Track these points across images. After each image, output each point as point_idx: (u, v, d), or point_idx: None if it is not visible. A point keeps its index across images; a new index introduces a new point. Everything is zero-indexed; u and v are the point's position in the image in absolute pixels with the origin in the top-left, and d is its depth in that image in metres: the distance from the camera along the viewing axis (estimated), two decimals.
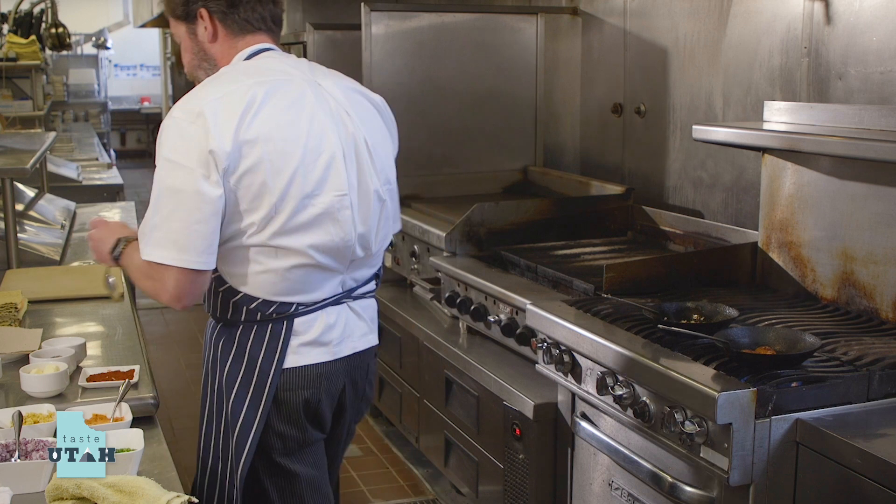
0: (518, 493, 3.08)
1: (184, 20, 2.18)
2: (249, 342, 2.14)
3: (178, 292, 2.01)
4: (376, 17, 4.46)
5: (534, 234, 3.85)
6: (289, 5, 6.73)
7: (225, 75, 2.10)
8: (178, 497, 1.65)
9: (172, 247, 1.97)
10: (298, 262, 2.08)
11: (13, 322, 2.73)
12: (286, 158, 2.02)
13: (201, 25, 2.16)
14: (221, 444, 2.21)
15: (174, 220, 1.97)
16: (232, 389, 2.16)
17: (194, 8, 2.15)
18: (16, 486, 1.73)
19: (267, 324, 2.13)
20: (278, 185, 2.01)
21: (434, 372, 3.73)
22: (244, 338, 2.14)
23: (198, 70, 2.21)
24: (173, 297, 2.02)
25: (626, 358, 2.42)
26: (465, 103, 4.68)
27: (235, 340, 2.15)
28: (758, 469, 2.12)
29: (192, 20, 2.17)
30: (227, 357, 2.16)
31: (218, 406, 2.20)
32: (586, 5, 4.53)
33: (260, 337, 2.13)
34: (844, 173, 2.72)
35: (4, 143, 4.58)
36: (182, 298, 2.03)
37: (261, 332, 2.13)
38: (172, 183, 1.97)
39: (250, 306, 2.11)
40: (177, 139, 1.98)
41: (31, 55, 8.18)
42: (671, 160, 3.95)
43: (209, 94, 2.01)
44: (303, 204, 2.05)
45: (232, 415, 2.16)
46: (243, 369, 2.14)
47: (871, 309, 2.66)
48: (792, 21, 3.17)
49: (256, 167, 1.99)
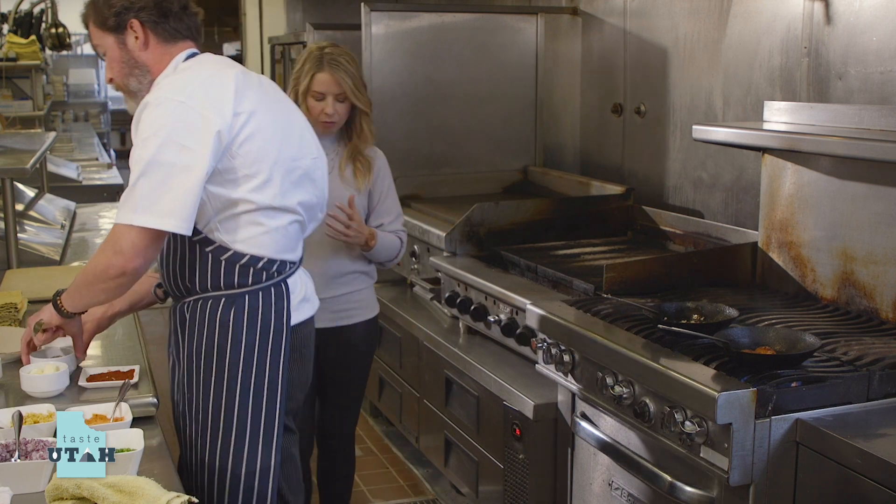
0: (518, 493, 3.08)
1: (113, 31, 2.25)
2: (260, 306, 2.25)
3: (133, 252, 2.08)
4: (376, 17, 4.46)
5: (534, 234, 3.85)
6: (289, 5, 6.75)
7: (196, 65, 2.25)
8: (178, 497, 1.66)
9: (163, 213, 2.07)
10: (293, 219, 2.29)
11: (13, 322, 2.73)
12: (273, 126, 2.23)
13: (131, 35, 2.24)
14: (250, 420, 2.25)
15: (167, 190, 2.07)
16: (252, 358, 2.24)
17: (126, 18, 2.23)
18: (16, 486, 1.73)
19: (271, 286, 2.26)
20: (272, 150, 2.21)
21: (434, 372, 3.73)
22: (254, 303, 2.24)
23: (129, 78, 2.28)
24: (129, 257, 2.08)
25: (625, 358, 2.42)
26: (465, 103, 4.68)
27: (246, 308, 2.24)
28: (758, 469, 2.12)
29: (122, 31, 2.25)
30: (241, 328, 2.24)
31: (234, 382, 2.24)
32: (586, 5, 4.53)
33: (268, 299, 2.26)
34: (844, 173, 2.72)
35: (4, 143, 4.58)
36: (146, 255, 2.10)
37: (268, 295, 2.26)
38: (168, 158, 2.07)
39: (257, 266, 2.23)
40: (174, 117, 2.09)
41: (31, 55, 8.19)
42: (671, 160, 3.95)
43: (195, 78, 2.17)
44: (292, 166, 2.26)
45: (257, 384, 2.25)
46: (259, 334, 2.25)
47: (871, 309, 2.66)
48: (792, 21, 3.17)
49: (253, 136, 2.17)
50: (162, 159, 2.06)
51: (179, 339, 2.31)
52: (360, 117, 3.03)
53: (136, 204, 2.06)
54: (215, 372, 2.25)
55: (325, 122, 2.97)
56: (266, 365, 2.26)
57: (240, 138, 2.14)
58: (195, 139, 2.08)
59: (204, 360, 2.25)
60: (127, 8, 2.21)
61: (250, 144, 2.16)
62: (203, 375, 2.26)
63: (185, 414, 2.29)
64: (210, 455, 2.26)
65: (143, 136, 2.09)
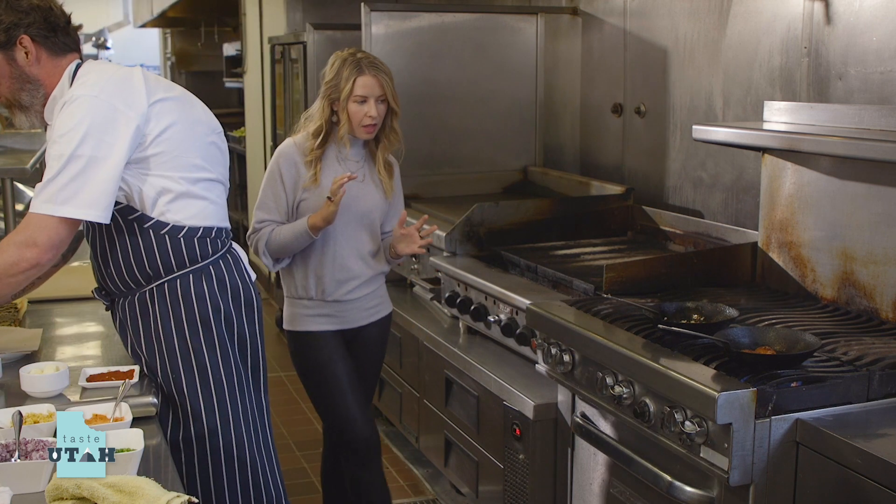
0: (518, 493, 3.08)
1: (2, 48, 2.27)
2: (225, 275, 2.40)
3: (48, 243, 2.15)
4: (376, 17, 4.46)
5: (534, 234, 3.85)
6: (289, 5, 6.74)
7: (98, 65, 2.35)
8: (178, 497, 1.65)
9: (84, 205, 2.16)
10: (223, 188, 2.45)
11: (13, 322, 2.73)
12: (184, 109, 2.35)
13: (21, 51, 2.29)
14: (249, 389, 2.43)
15: (86, 182, 2.15)
16: (232, 322, 2.40)
17: (15, 35, 2.27)
18: (16, 486, 1.73)
19: (228, 253, 2.43)
20: (193, 129, 2.35)
21: (434, 372, 3.73)
22: (220, 273, 2.39)
23: (21, 93, 2.32)
24: (44, 248, 2.15)
25: (625, 358, 2.42)
26: (465, 103, 4.69)
27: (214, 280, 2.37)
28: (758, 469, 2.12)
29: (12, 47, 2.28)
30: (216, 296, 2.37)
31: (229, 354, 2.39)
32: (586, 5, 4.53)
33: (230, 265, 2.42)
34: (844, 173, 2.72)
35: (4, 143, 4.58)
36: (59, 248, 2.19)
37: (229, 261, 2.42)
38: (87, 151, 2.16)
39: (212, 237, 2.38)
40: (91, 112, 2.18)
41: None
42: (671, 160, 3.95)
43: (105, 74, 2.27)
44: (209, 140, 2.40)
45: (253, 351, 2.46)
46: (231, 298, 2.39)
47: (871, 309, 2.66)
48: (792, 21, 3.17)
49: (174, 124, 2.29)
50: (81, 153, 2.15)
51: (142, 328, 2.37)
52: (391, 118, 3.06)
53: (56, 196, 2.14)
54: (205, 344, 2.36)
55: (368, 126, 3.00)
56: (256, 325, 2.46)
57: (161, 126, 2.26)
58: (112, 132, 2.18)
59: (189, 335, 2.35)
60: (16, 24, 2.26)
61: (172, 131, 2.28)
62: (192, 348, 2.36)
63: (179, 391, 2.36)
64: (220, 424, 2.37)
65: (60, 133, 2.17)
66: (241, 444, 2.40)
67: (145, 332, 2.37)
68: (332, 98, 3.00)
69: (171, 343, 2.34)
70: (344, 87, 2.97)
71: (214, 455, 2.37)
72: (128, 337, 2.40)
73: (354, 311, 3.09)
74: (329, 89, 3.01)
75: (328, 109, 3.01)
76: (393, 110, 3.05)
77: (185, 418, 2.35)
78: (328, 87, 3.02)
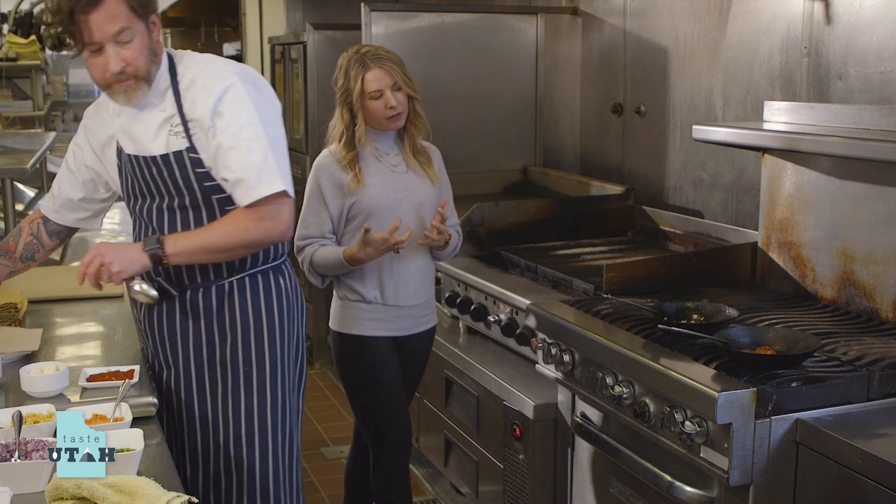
0: (518, 493, 3.08)
1: (144, 18, 2.26)
2: (293, 273, 2.51)
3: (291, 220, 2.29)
4: (376, 17, 4.46)
5: (534, 234, 3.85)
6: (289, 5, 6.74)
7: (197, 54, 2.41)
8: (178, 497, 1.65)
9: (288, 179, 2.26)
10: None
11: (13, 322, 2.73)
12: None
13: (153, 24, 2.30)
14: (293, 388, 2.48)
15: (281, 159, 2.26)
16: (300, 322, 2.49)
17: (154, 7, 2.30)
18: (16, 486, 1.73)
19: (286, 255, 2.51)
20: None
21: (434, 372, 3.73)
22: (289, 271, 2.49)
23: (151, 65, 2.29)
24: (289, 226, 2.28)
25: (625, 358, 2.42)
26: (465, 103, 4.68)
27: (286, 277, 2.46)
28: (758, 469, 2.12)
29: (151, 17, 2.28)
30: (284, 303, 2.43)
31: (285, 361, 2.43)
32: (586, 5, 4.53)
33: (289, 269, 2.51)
34: (844, 173, 2.72)
35: (4, 143, 4.59)
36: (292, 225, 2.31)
37: (287, 265, 2.51)
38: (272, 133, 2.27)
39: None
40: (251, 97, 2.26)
41: (31, 55, 8.17)
42: (671, 160, 3.95)
43: (234, 65, 2.34)
44: None
45: (302, 351, 2.52)
46: (299, 305, 2.49)
47: (871, 309, 2.66)
48: (792, 21, 3.17)
49: None
50: (270, 134, 2.25)
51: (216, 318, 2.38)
52: (413, 103, 3.00)
53: (277, 174, 2.22)
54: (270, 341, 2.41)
55: (392, 117, 2.94)
56: (302, 325, 2.52)
57: None
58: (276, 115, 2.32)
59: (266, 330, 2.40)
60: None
61: None
62: (235, 363, 2.38)
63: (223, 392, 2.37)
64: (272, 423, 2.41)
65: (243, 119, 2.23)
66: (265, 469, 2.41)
67: (219, 323, 2.38)
68: (348, 101, 2.96)
69: (246, 334, 2.37)
70: (354, 87, 2.92)
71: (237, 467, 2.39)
72: (175, 330, 2.41)
73: (408, 318, 3.02)
74: (342, 94, 2.97)
75: (347, 114, 2.95)
76: (412, 96, 2.99)
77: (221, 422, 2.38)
78: (341, 92, 2.97)
